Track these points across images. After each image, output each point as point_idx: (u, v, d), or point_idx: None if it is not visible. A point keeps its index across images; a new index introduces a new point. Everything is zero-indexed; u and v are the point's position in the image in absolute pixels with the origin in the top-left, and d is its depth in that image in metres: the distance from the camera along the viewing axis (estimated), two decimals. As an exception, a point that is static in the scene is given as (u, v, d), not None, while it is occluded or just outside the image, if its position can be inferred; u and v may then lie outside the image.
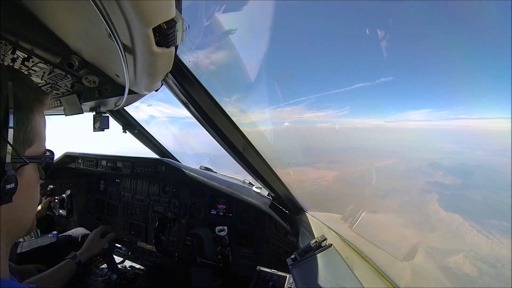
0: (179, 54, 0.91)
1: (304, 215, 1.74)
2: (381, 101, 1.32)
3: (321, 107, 1.50)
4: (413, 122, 1.24)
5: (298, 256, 1.39)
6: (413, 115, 1.22)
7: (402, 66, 1.14)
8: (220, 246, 1.74)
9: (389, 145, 1.43)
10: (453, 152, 1.14)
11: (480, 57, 0.92)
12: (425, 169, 1.19)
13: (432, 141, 1.25)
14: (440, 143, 1.21)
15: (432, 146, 1.23)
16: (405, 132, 1.30)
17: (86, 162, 2.79)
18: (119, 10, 0.56)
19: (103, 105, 1.61)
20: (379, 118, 1.36)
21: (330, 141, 1.64)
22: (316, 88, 1.48)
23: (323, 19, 1.19)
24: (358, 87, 1.23)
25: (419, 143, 1.28)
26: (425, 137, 1.26)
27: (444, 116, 1.06)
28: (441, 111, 1.08)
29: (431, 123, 1.12)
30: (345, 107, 1.40)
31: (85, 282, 2.08)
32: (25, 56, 1.05)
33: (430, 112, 1.12)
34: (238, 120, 1.19)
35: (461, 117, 1.01)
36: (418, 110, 1.19)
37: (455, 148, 1.14)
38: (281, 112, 1.56)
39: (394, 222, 1.36)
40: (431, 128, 1.18)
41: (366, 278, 1.09)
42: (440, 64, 1.01)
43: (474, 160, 1.04)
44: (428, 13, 0.95)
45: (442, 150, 1.18)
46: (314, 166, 1.83)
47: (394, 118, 1.30)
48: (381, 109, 1.35)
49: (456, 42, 0.92)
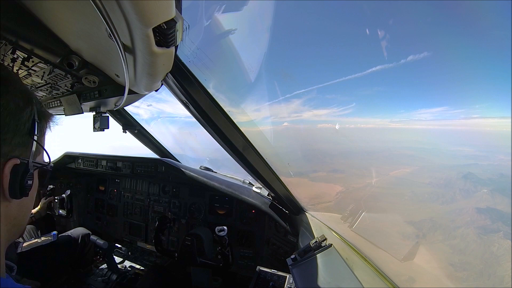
0: (179, 54, 0.90)
1: (304, 215, 1.74)
2: (388, 99, 1.23)
3: (323, 106, 1.47)
4: (424, 122, 1.13)
5: (298, 256, 1.39)
6: (423, 114, 1.13)
7: (412, 60, 1.06)
8: (220, 246, 1.74)
9: (397, 148, 1.27)
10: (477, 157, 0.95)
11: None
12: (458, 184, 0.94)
13: (444, 142, 1.09)
14: (454, 145, 1.05)
15: (445, 148, 1.06)
16: (415, 133, 1.20)
17: (86, 162, 2.79)
18: (119, 10, 0.56)
19: (103, 105, 1.61)
20: (384, 118, 1.28)
21: (331, 141, 1.60)
22: (316, 88, 1.47)
23: (325, 18, 1.16)
24: (363, 83, 1.16)
25: (432, 146, 1.12)
26: (437, 139, 1.12)
27: (457, 116, 0.97)
28: (456, 109, 0.99)
29: (445, 122, 1.03)
30: (350, 104, 1.33)
31: (85, 282, 2.08)
32: (25, 56, 1.05)
33: (444, 111, 1.03)
34: (238, 120, 1.19)
35: (474, 116, 0.92)
36: (430, 108, 1.10)
37: (470, 151, 0.98)
38: (281, 112, 1.56)
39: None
40: (443, 129, 1.08)
41: (366, 278, 1.08)
42: (458, 58, 0.89)
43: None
44: (441, 10, 0.90)
45: (460, 154, 1.00)
46: (314, 165, 1.83)
47: (401, 117, 1.21)
48: (388, 108, 1.26)
49: (480, 35, 0.83)
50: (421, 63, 1.07)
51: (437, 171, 1.08)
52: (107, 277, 2.13)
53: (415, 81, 1.00)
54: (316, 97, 1.47)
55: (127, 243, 2.78)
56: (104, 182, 2.95)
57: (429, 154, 1.15)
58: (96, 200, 2.99)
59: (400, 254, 1.14)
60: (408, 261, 1.12)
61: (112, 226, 2.88)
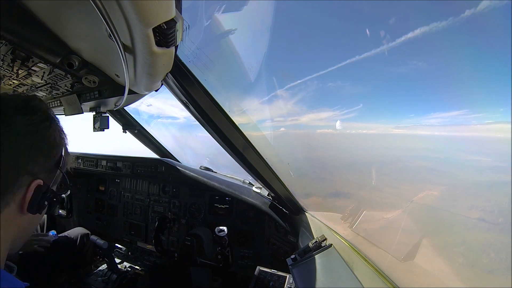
0: (179, 54, 0.90)
1: (304, 215, 1.74)
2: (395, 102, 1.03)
3: (323, 106, 1.45)
4: (437, 128, 0.92)
5: (298, 256, 1.39)
6: (434, 118, 0.93)
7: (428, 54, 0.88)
8: (220, 246, 1.74)
9: (406, 157, 1.06)
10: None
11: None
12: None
13: (456, 150, 0.89)
14: (468, 154, 0.87)
15: (461, 157, 0.85)
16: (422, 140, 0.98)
17: (86, 162, 2.79)
18: (119, 10, 0.56)
19: (103, 105, 1.61)
20: (389, 123, 1.11)
21: (331, 144, 1.54)
22: (316, 88, 1.46)
23: (329, 16, 1.12)
24: (366, 83, 1.06)
25: (444, 155, 0.91)
26: (447, 146, 0.91)
27: (478, 120, 0.79)
28: (476, 113, 0.81)
29: (457, 128, 0.84)
30: (353, 107, 1.21)
31: (85, 282, 2.09)
32: (25, 56, 1.05)
33: (463, 115, 0.83)
34: (238, 120, 1.19)
35: (491, 122, 0.76)
36: (444, 112, 0.90)
37: (489, 161, 0.80)
38: (281, 112, 1.56)
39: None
40: (454, 136, 0.85)
41: (366, 278, 1.08)
42: (482, 54, 0.74)
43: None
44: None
45: (481, 165, 0.79)
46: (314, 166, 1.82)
47: (410, 122, 1.00)
48: (395, 111, 1.06)
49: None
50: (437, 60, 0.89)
51: (476, 193, 0.77)
52: (107, 277, 2.13)
53: (425, 82, 0.84)
54: (317, 96, 1.46)
55: (127, 243, 2.78)
56: (104, 182, 2.95)
57: (448, 165, 0.89)
58: (96, 200, 2.99)
59: (400, 254, 1.13)
60: (408, 261, 1.11)
61: (112, 226, 2.88)
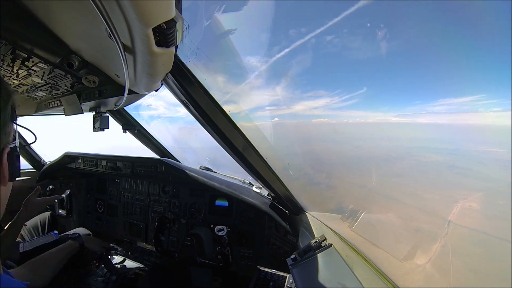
0: (179, 54, 0.91)
1: (304, 215, 1.74)
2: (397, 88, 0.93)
3: (324, 107, 1.44)
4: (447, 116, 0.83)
5: (298, 256, 1.39)
6: (442, 105, 0.84)
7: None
8: (219, 246, 1.74)
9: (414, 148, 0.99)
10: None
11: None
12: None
13: (467, 141, 0.81)
14: (479, 144, 0.80)
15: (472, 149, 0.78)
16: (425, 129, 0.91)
17: (86, 162, 2.79)
18: (119, 10, 0.56)
19: (103, 105, 1.61)
20: (390, 111, 1.03)
21: (333, 141, 1.52)
22: (316, 88, 1.46)
23: (329, 14, 1.09)
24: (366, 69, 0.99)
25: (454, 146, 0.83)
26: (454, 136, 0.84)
27: (488, 107, 0.71)
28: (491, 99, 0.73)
29: (464, 116, 0.76)
30: (352, 97, 1.15)
31: (85, 282, 2.08)
32: (25, 56, 1.05)
33: (476, 101, 0.74)
34: (238, 120, 1.19)
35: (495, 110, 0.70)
36: (458, 97, 0.80)
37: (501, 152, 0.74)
38: (281, 112, 1.55)
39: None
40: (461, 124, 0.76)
41: (366, 278, 1.08)
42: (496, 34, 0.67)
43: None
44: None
45: (493, 157, 0.74)
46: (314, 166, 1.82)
47: (411, 110, 0.92)
48: (396, 98, 0.97)
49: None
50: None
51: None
52: (107, 277, 2.13)
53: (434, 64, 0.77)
54: (317, 97, 1.46)
55: (127, 243, 2.78)
56: (104, 182, 2.95)
57: (468, 159, 0.82)
58: (96, 200, 2.99)
59: (400, 254, 1.13)
60: (408, 261, 1.11)
61: (112, 226, 2.88)
